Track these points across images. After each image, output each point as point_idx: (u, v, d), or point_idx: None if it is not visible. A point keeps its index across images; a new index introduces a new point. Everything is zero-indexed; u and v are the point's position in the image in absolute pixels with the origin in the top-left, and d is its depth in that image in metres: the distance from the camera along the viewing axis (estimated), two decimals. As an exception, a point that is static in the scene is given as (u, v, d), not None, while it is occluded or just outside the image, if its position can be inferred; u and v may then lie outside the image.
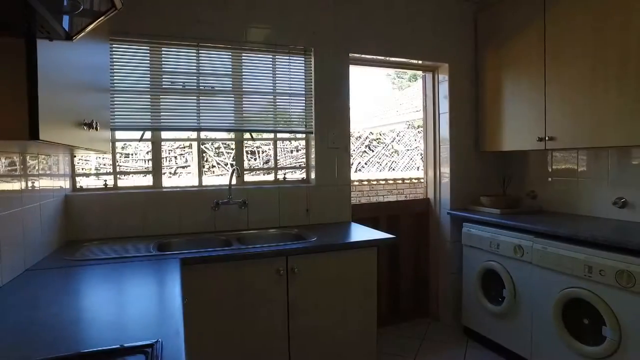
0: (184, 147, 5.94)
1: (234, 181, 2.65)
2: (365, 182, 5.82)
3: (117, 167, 2.57)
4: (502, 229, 2.69)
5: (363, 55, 2.95)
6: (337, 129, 2.84)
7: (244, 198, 2.59)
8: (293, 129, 2.83)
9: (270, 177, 2.88)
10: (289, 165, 4.51)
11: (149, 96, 2.47)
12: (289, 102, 2.78)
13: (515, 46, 2.89)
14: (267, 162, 6.59)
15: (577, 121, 2.48)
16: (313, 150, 2.83)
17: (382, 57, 3.02)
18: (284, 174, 2.87)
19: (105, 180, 2.50)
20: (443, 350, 2.89)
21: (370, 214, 3.18)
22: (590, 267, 2.12)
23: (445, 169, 3.23)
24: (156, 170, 2.57)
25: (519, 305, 2.58)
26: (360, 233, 2.50)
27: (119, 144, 4.12)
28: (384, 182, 5.84)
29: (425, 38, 3.11)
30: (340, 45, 2.83)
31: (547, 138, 2.66)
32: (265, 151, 6.62)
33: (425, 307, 3.44)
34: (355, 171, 7.12)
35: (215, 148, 6.43)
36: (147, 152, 5.31)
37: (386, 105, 9.67)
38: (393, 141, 7.23)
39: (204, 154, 6.29)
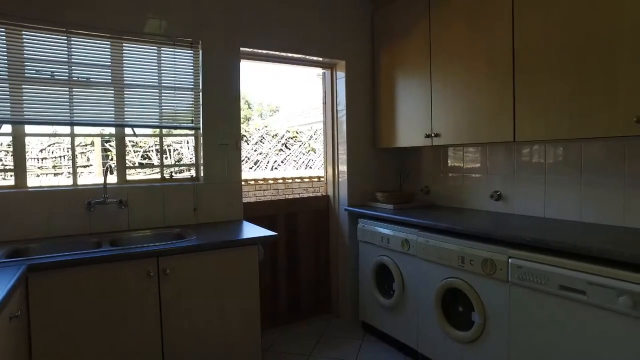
0: (85, 145, 5.51)
1: (114, 179, 2.47)
2: (271, 181, 5.76)
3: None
4: (392, 224, 2.75)
5: (256, 50, 2.88)
6: (228, 125, 2.75)
7: (123, 197, 2.42)
8: (180, 124, 2.70)
9: (157, 175, 2.72)
10: (177, 163, 4.32)
11: (7, 85, 2.22)
12: (176, 97, 2.64)
13: (406, 46, 2.98)
14: (179, 160, 6.31)
15: (457, 119, 2.60)
16: (202, 147, 2.71)
17: (277, 53, 2.98)
18: (171, 172, 2.72)
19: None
20: (339, 345, 2.91)
21: (267, 212, 3.13)
22: (463, 258, 2.22)
23: (343, 166, 3.26)
24: (19, 169, 2.31)
25: (407, 298, 2.66)
26: (246, 231, 2.44)
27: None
28: (290, 180, 5.84)
29: (322, 35, 3.11)
30: (230, 38, 2.74)
31: (433, 135, 2.77)
32: (177, 149, 6.34)
33: (327, 303, 3.45)
34: (271, 169, 7.05)
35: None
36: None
37: (312, 104, 9.72)
38: (310, 139, 7.26)
39: (109, 153, 5.89)
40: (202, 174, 2.71)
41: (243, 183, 2.91)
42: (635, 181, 2.09)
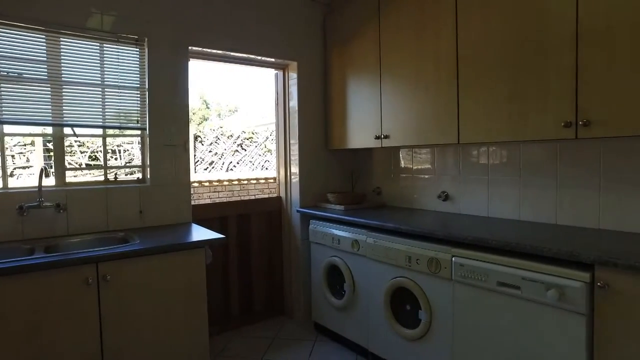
0: (25, 145, 5.19)
1: (51, 182, 2.34)
2: (226, 182, 5.68)
3: None
4: (342, 225, 2.78)
5: (206, 50, 2.83)
6: (176, 125, 2.68)
7: (61, 201, 2.30)
8: (125, 124, 2.60)
9: (100, 177, 2.60)
10: (129, 164, 4.17)
11: None
12: (120, 96, 2.55)
13: (357, 48, 3.01)
14: (130, 161, 6.07)
15: (406, 121, 2.66)
16: (148, 148, 2.62)
17: (228, 53, 2.93)
18: (115, 174, 2.62)
19: None
20: (292, 347, 2.90)
21: (218, 214, 3.08)
22: (410, 257, 2.27)
23: (296, 167, 3.26)
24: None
25: (357, 298, 2.69)
26: (193, 234, 2.38)
27: None
28: (246, 181, 5.78)
29: (274, 36, 3.09)
30: (178, 37, 2.67)
31: (382, 136, 2.82)
32: (128, 150, 6.10)
33: (280, 305, 3.43)
34: (227, 170, 6.94)
35: (67, 146, 5.73)
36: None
37: (270, 105, 9.59)
38: (266, 140, 7.20)
39: (52, 153, 5.54)
40: (148, 176, 2.62)
41: (197, 184, 2.87)
42: (565, 181, 2.22)
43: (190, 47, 2.73)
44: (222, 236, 2.27)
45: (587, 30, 1.80)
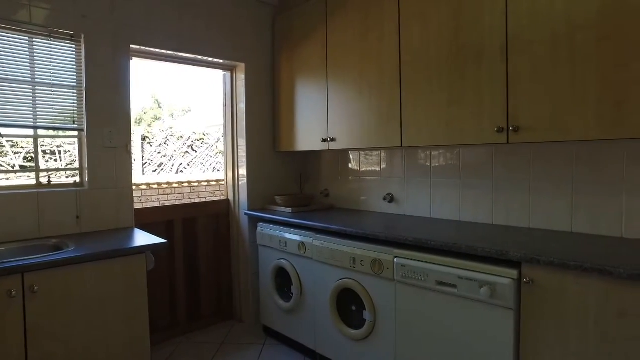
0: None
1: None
2: (176, 185, 5.54)
3: None
4: (289, 227, 2.78)
5: (149, 49, 2.74)
6: (116, 126, 2.57)
7: (-16, 207, 2.14)
8: (59, 125, 2.46)
9: (32, 181, 2.45)
10: (69, 167, 3.96)
11: None
12: (54, 95, 2.41)
13: (305, 51, 3.03)
14: (71, 163, 5.76)
15: (351, 124, 2.70)
16: (86, 149, 2.50)
17: (173, 52, 2.85)
18: (49, 176, 2.47)
19: None
20: (240, 351, 2.87)
21: (164, 218, 2.99)
22: (354, 259, 2.31)
23: (244, 170, 3.22)
24: None
25: (305, 300, 2.70)
26: (134, 239, 2.30)
27: None
28: (197, 183, 5.65)
29: (222, 36, 3.04)
30: (118, 34, 2.57)
31: (329, 139, 2.85)
32: (69, 151, 5.79)
33: (229, 309, 3.38)
34: (177, 172, 6.76)
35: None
36: None
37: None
38: (218, 141, 7.06)
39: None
40: (86, 179, 2.50)
41: (145, 187, 2.77)
42: (500, 184, 2.34)
43: (131, 46, 2.63)
44: (165, 241, 2.21)
45: (515, 41, 1.91)
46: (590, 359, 1.52)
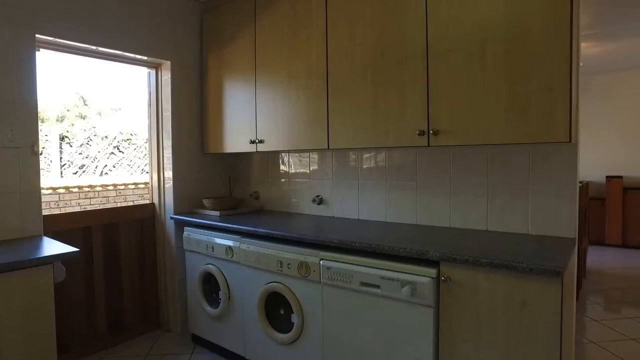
0: None
1: None
2: (99, 187, 5.20)
3: None
4: (216, 231, 2.69)
5: (58, 40, 2.52)
6: (19, 125, 2.34)
7: None
8: (-50, 122, 2.19)
9: None
10: None
11: None
12: (-57, 88, 2.14)
13: (233, 51, 2.95)
14: None
15: (279, 125, 2.67)
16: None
17: (88, 46, 2.65)
18: (-63, 181, 2.19)
19: None
20: (165, 363, 2.73)
21: (80, 224, 2.77)
22: (281, 262, 2.28)
23: (169, 172, 3.08)
24: None
25: (233, 305, 2.62)
26: (41, 249, 2.10)
27: None
28: (123, 186, 5.33)
29: (144, 32, 2.88)
30: (20, 22, 2.32)
31: (257, 141, 2.80)
32: None
33: (156, 318, 3.21)
34: (101, 174, 6.33)
35: None
36: None
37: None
38: (146, 142, 6.69)
39: None
40: (-17, 183, 2.25)
41: (63, 190, 2.54)
42: (423, 185, 2.42)
43: (37, 35, 2.41)
44: (76, 249, 2.03)
45: (434, 49, 1.98)
46: (498, 345, 1.61)
